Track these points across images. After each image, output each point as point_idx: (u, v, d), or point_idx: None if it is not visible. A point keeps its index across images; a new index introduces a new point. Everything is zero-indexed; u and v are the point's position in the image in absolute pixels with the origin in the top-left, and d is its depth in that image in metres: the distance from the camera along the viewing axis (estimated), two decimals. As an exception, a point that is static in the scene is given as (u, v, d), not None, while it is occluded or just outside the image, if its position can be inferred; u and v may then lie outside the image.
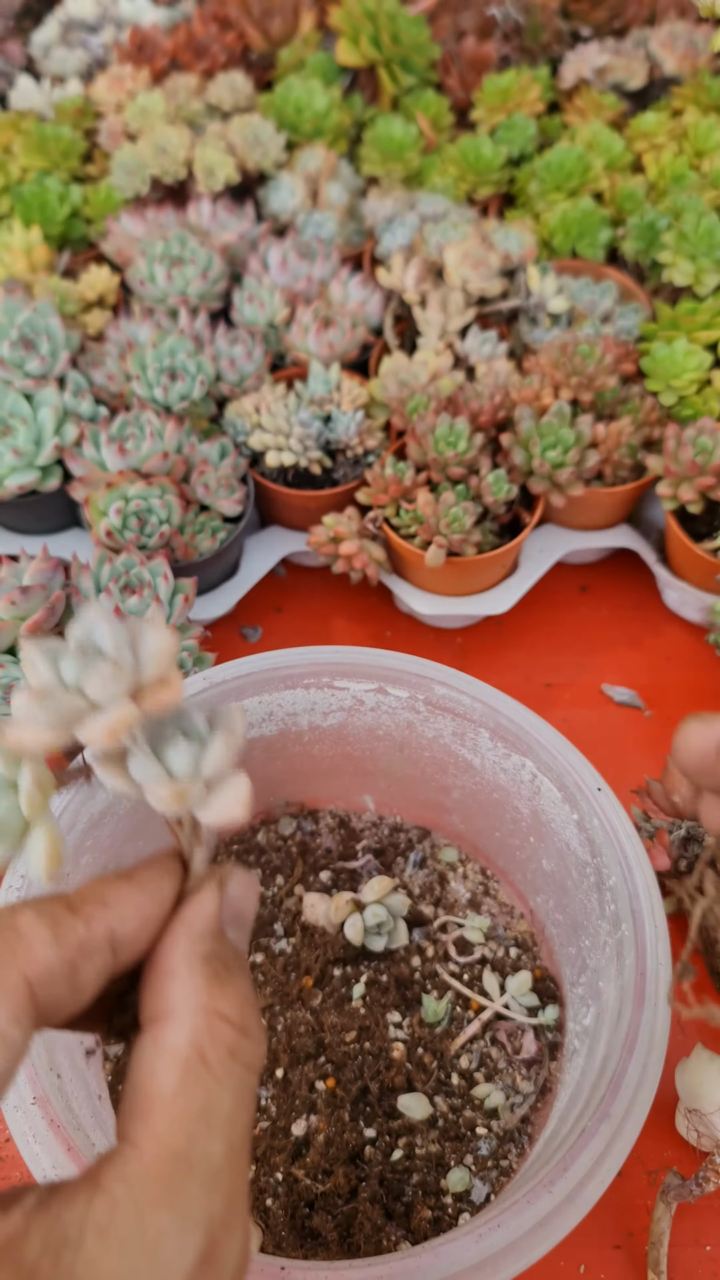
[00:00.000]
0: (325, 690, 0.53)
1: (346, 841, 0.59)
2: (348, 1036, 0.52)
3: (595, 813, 0.48)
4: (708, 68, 0.91)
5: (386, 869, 0.58)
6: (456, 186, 0.88)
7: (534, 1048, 0.51)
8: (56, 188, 0.84)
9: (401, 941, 0.55)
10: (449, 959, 0.55)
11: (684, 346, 0.72)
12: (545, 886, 0.53)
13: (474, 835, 0.58)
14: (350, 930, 0.54)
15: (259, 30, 0.92)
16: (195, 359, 0.71)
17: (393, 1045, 0.52)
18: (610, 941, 0.46)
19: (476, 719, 0.52)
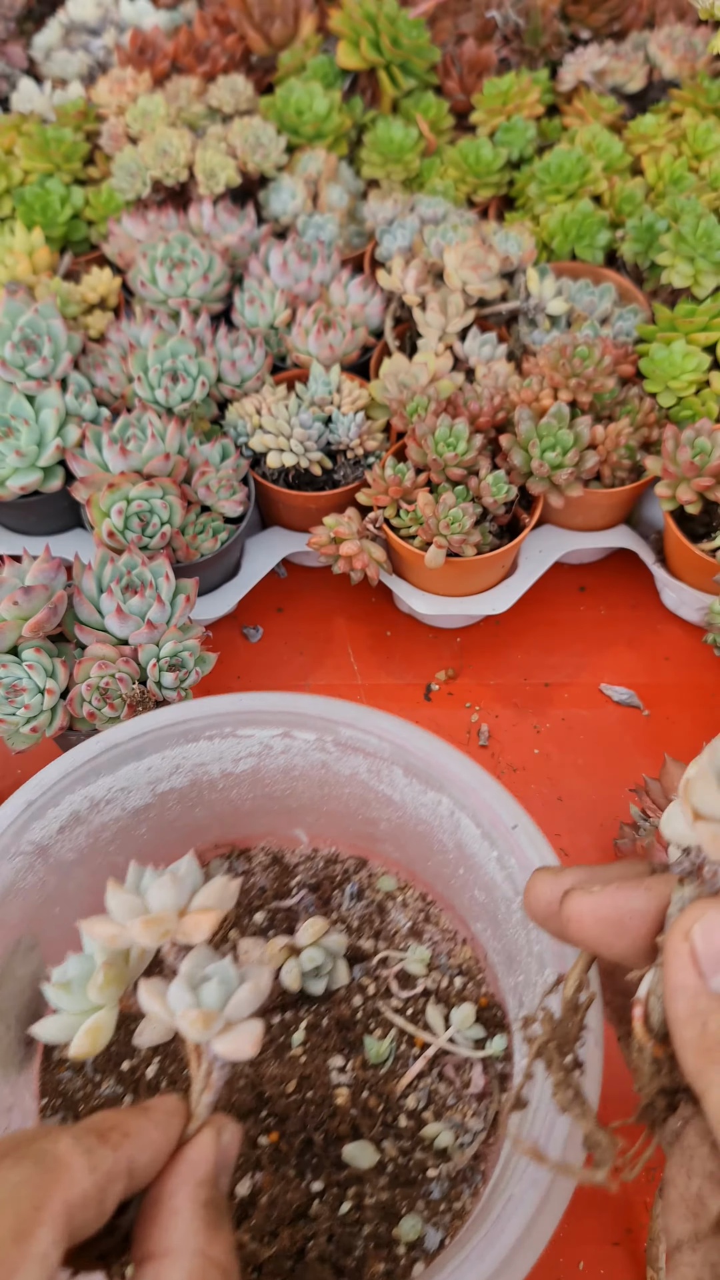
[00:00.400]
0: (230, 739, 0.52)
1: (281, 878, 0.57)
2: (289, 1087, 0.50)
3: (512, 851, 0.47)
4: (706, 70, 0.92)
5: (324, 903, 0.56)
6: (456, 189, 0.88)
7: (482, 1081, 0.50)
8: (58, 190, 0.85)
9: (342, 981, 0.53)
10: (391, 995, 0.53)
11: (682, 348, 0.73)
12: (481, 915, 0.52)
13: (409, 862, 0.56)
14: (286, 978, 0.52)
15: (260, 33, 0.92)
16: (196, 361, 0.72)
17: (336, 1091, 0.50)
18: (539, 980, 0.45)
19: (388, 757, 0.51)
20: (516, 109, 0.90)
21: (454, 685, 0.73)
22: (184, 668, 0.61)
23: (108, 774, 0.50)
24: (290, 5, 0.92)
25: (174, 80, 0.89)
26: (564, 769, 0.70)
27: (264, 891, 0.57)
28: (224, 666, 0.74)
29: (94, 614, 0.62)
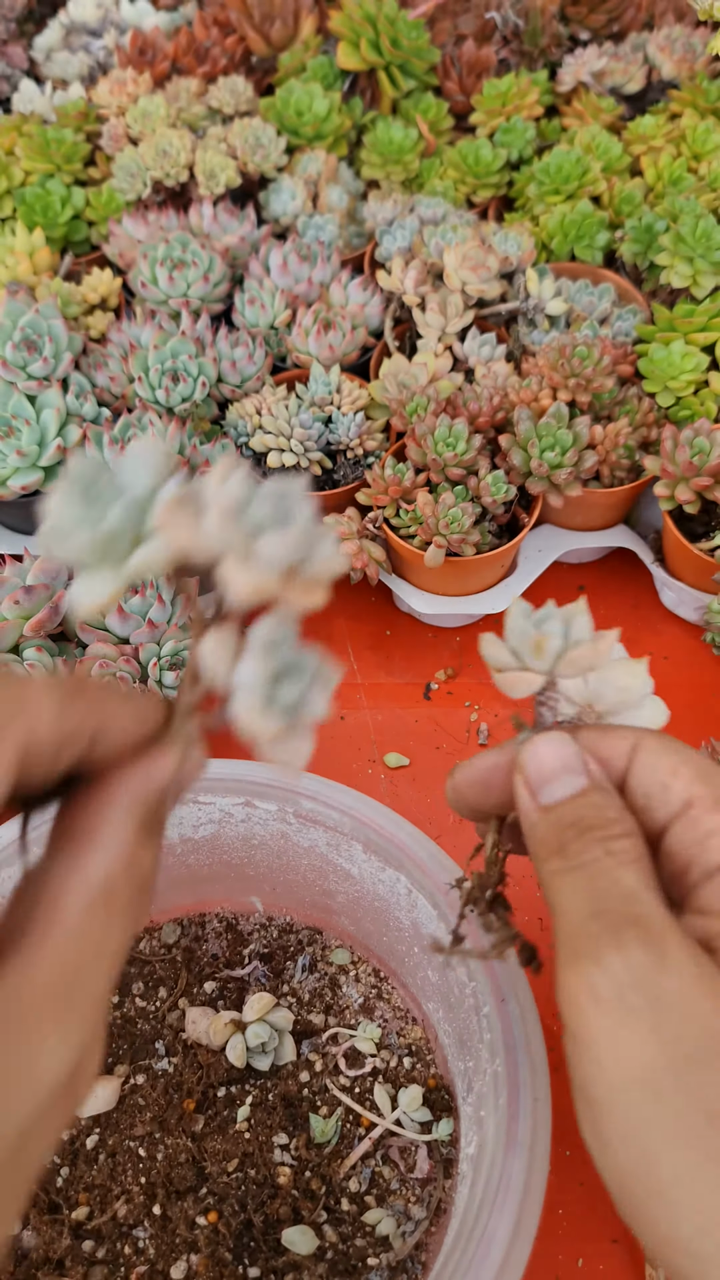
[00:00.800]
0: (191, 806, 0.52)
1: (234, 946, 0.57)
2: (230, 1165, 0.49)
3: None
4: (705, 71, 0.92)
5: (275, 975, 0.56)
6: (456, 190, 0.88)
7: (427, 1165, 0.49)
8: (59, 191, 0.85)
9: (288, 1058, 0.53)
10: (339, 1072, 0.53)
11: (681, 348, 0.73)
12: (434, 995, 0.52)
13: (364, 936, 0.56)
14: (231, 1053, 0.51)
15: (260, 34, 0.92)
16: (197, 361, 0.72)
17: (279, 1170, 0.49)
18: (489, 1069, 0.44)
19: (348, 832, 0.51)
20: (516, 110, 0.90)
21: (453, 684, 0.74)
22: (185, 666, 0.62)
23: None
24: (290, 6, 0.92)
25: (174, 81, 0.89)
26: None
27: (216, 959, 0.56)
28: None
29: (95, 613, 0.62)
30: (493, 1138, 0.42)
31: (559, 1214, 0.53)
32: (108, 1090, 0.51)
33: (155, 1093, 0.52)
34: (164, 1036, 0.54)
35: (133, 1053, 0.53)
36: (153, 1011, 0.55)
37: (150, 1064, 0.53)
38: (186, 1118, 0.51)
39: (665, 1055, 0.27)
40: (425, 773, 0.70)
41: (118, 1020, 0.54)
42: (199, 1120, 0.51)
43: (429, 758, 0.70)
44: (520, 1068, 0.43)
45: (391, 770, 0.70)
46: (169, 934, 0.57)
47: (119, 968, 0.27)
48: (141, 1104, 0.51)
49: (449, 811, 0.68)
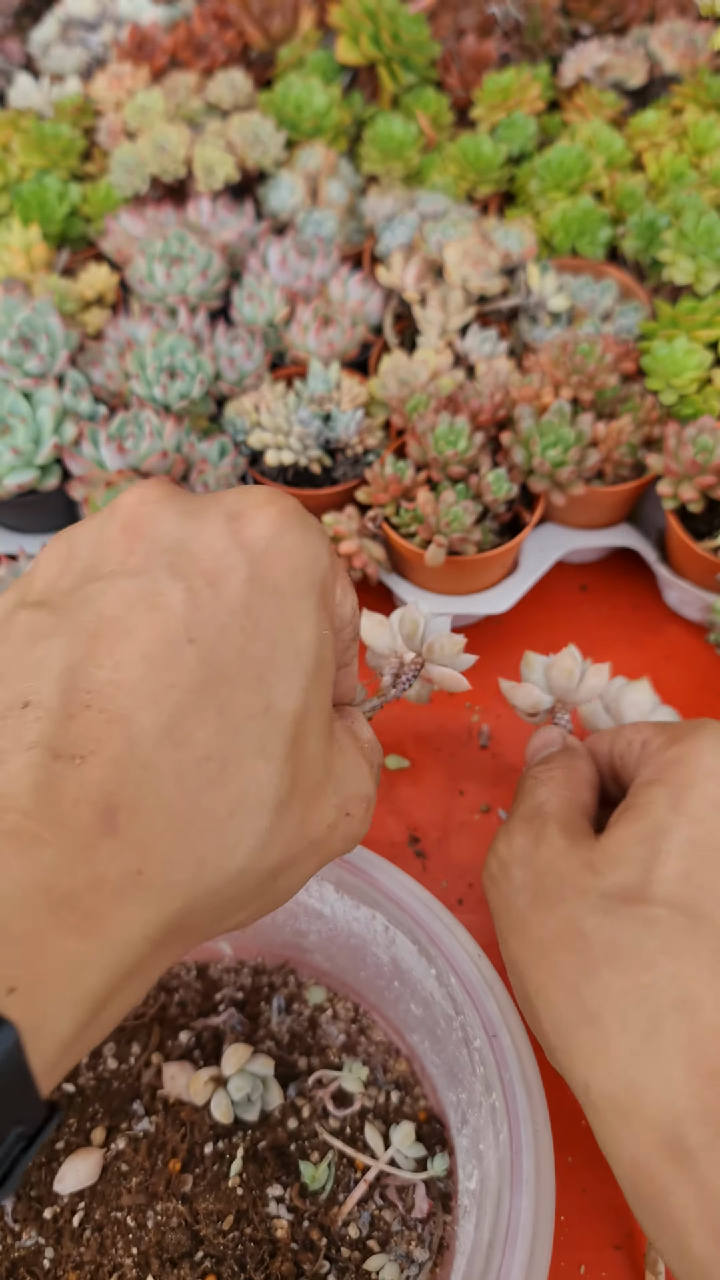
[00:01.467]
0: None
1: (205, 993, 0.55)
2: (225, 1224, 0.47)
3: (452, 971, 0.46)
4: (707, 66, 0.91)
5: (251, 1020, 0.54)
6: (456, 185, 0.88)
7: (425, 1205, 0.48)
8: (55, 186, 0.84)
9: (276, 1103, 0.51)
10: (328, 1115, 0.51)
11: (684, 345, 0.72)
12: (418, 1028, 0.50)
13: (340, 973, 0.54)
14: (217, 1111, 0.49)
15: (259, 28, 0.92)
16: (194, 358, 0.71)
17: (275, 1224, 0.47)
18: (485, 1103, 0.43)
19: (318, 873, 0.50)
20: (517, 104, 0.89)
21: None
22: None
23: None
24: (289, 0, 0.91)
25: (172, 75, 0.89)
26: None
27: (187, 1008, 0.54)
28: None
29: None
30: (496, 1174, 0.42)
31: (561, 1220, 0.52)
32: (89, 1163, 0.49)
33: (139, 1157, 0.49)
34: (141, 1096, 0.51)
35: (110, 1116, 0.51)
36: (126, 1071, 0.52)
37: (130, 1126, 0.50)
38: (174, 1180, 0.48)
39: (526, 900, 0.41)
40: (426, 775, 0.69)
41: (90, 1084, 0.52)
42: (187, 1180, 0.49)
43: (430, 760, 0.70)
44: (518, 1102, 0.42)
45: (392, 773, 0.69)
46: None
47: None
48: (125, 1170, 0.49)
49: (447, 814, 0.67)
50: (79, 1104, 0.51)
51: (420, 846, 0.66)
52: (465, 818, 0.67)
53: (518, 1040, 0.44)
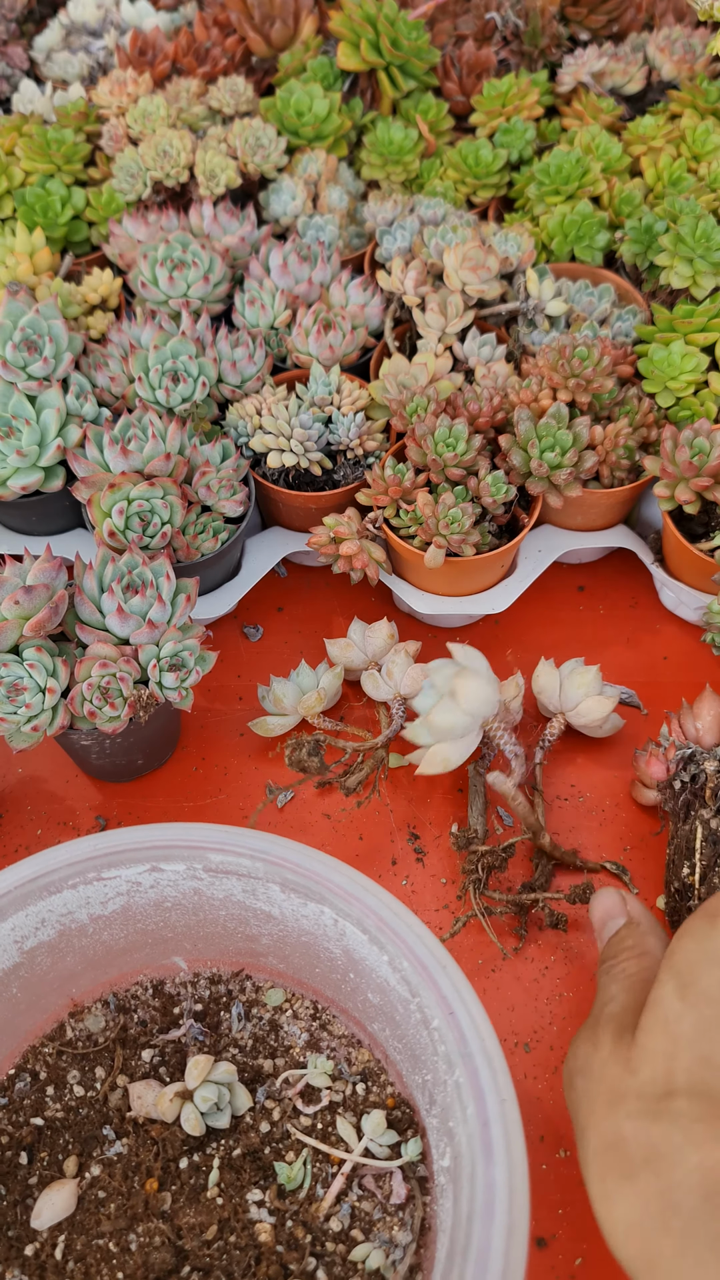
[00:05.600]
0: (95, 884, 0.51)
1: (165, 1008, 0.55)
2: (208, 1234, 0.47)
3: (404, 955, 0.47)
4: (705, 72, 0.92)
5: (212, 1029, 0.54)
6: (456, 190, 0.89)
7: (403, 1191, 0.49)
8: (59, 191, 0.85)
9: (245, 1105, 0.51)
10: (299, 1113, 0.52)
11: (681, 349, 0.73)
12: (377, 1016, 0.51)
13: (295, 972, 0.55)
14: (187, 1124, 0.50)
15: (260, 35, 0.92)
16: (197, 361, 0.72)
17: (258, 1228, 0.48)
18: (449, 1081, 0.44)
19: (262, 876, 0.50)
20: (516, 110, 0.90)
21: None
22: (184, 667, 0.62)
23: None
24: (290, 7, 0.92)
25: (174, 81, 0.89)
26: (565, 769, 0.70)
27: (147, 1026, 0.55)
28: (224, 666, 0.75)
29: (95, 613, 0.62)
30: (467, 1148, 0.42)
31: (559, 1214, 0.53)
32: (64, 1194, 0.49)
33: (114, 1181, 0.49)
34: (110, 1120, 0.52)
35: (81, 1145, 0.51)
36: (93, 1097, 0.52)
37: (102, 1152, 0.51)
38: (152, 1199, 0.49)
39: (586, 1110, 0.43)
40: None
41: (59, 1115, 0.52)
42: (165, 1198, 0.49)
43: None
44: (480, 1074, 0.43)
45: (392, 770, 0.70)
46: (94, 1022, 0.55)
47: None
48: (103, 1196, 0.49)
49: (440, 807, 0.68)
50: (49, 1137, 0.51)
51: (419, 844, 0.67)
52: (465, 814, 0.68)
53: (475, 1015, 0.45)
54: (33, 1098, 0.52)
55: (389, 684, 0.69)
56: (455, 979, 0.46)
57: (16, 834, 0.67)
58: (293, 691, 0.69)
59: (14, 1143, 0.51)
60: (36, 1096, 0.52)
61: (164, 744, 0.70)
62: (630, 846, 0.66)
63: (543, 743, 0.68)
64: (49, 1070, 0.53)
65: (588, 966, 0.61)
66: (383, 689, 0.69)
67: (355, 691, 0.73)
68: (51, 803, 0.69)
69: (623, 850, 0.66)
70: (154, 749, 0.69)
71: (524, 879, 0.65)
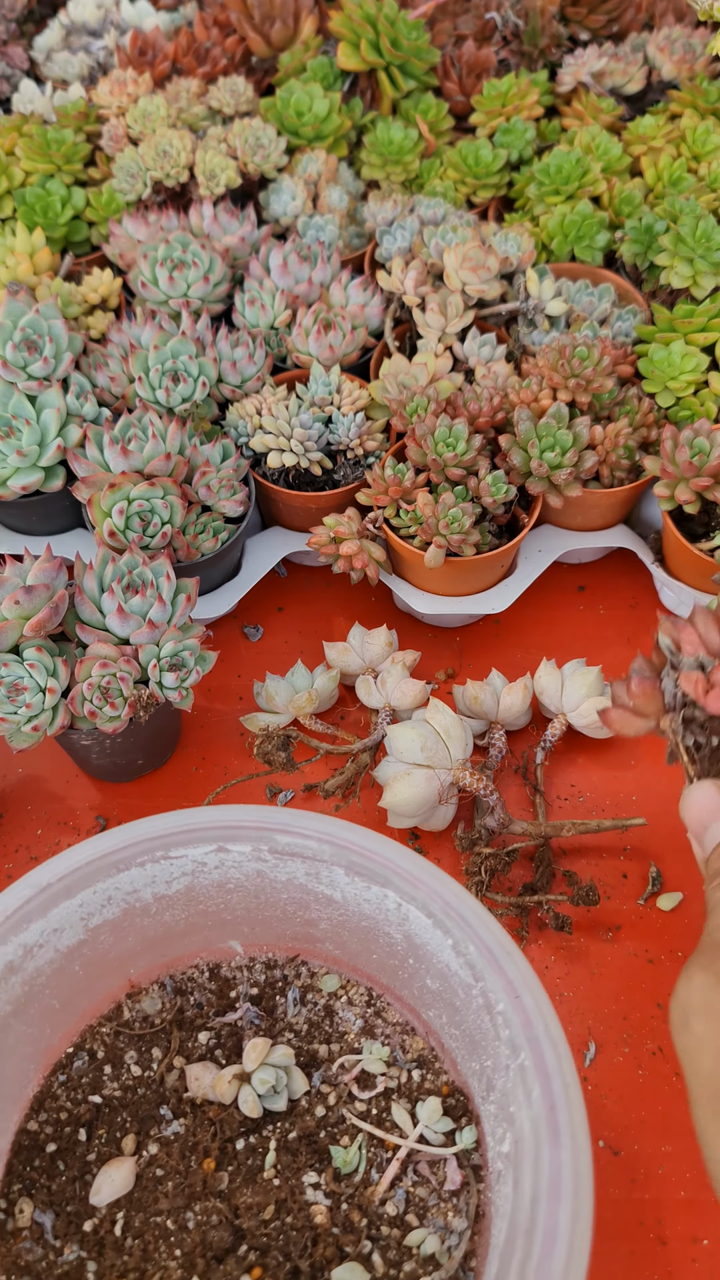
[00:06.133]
0: (162, 863, 0.51)
1: (221, 992, 0.56)
2: (266, 1214, 0.48)
3: (470, 939, 0.46)
4: (705, 72, 0.92)
5: (268, 1013, 0.55)
6: (456, 190, 0.89)
7: (458, 1177, 0.49)
8: (59, 191, 0.85)
9: (301, 1089, 0.52)
10: (354, 1099, 0.52)
11: (681, 349, 0.73)
12: (434, 1003, 0.51)
13: (351, 959, 0.55)
14: (245, 1106, 0.50)
15: (260, 35, 0.92)
16: (197, 361, 0.72)
17: (314, 1210, 0.48)
18: (513, 1065, 0.44)
19: (327, 859, 0.50)
20: (515, 110, 0.90)
21: (453, 684, 0.74)
22: (185, 667, 0.62)
23: (39, 918, 0.49)
24: (290, 7, 0.92)
25: (174, 81, 0.89)
26: (567, 769, 0.70)
27: (203, 1008, 0.55)
28: (224, 666, 0.75)
29: (95, 613, 0.62)
30: (531, 1133, 0.42)
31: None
32: (123, 1171, 0.50)
33: (172, 1160, 0.50)
34: (167, 1100, 0.52)
35: (138, 1124, 0.52)
36: (150, 1077, 0.53)
37: (159, 1131, 0.51)
38: (210, 1178, 0.50)
39: (712, 1061, 0.37)
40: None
41: (116, 1094, 0.53)
42: (222, 1178, 0.50)
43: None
44: (546, 1058, 0.43)
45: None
46: (153, 997, 0.56)
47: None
48: (160, 1175, 0.50)
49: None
50: (106, 1115, 0.52)
51: (419, 844, 0.67)
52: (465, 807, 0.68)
53: (539, 999, 0.44)
54: (90, 1076, 0.53)
55: (380, 693, 0.69)
56: (520, 964, 0.46)
57: (17, 834, 0.67)
58: (285, 690, 0.70)
59: (72, 1119, 0.52)
60: (94, 1075, 0.53)
61: (164, 744, 0.70)
62: (629, 846, 0.66)
63: (544, 743, 0.68)
64: (106, 1050, 0.54)
65: (589, 966, 0.61)
66: (374, 697, 0.69)
67: (354, 695, 0.73)
68: (52, 803, 0.69)
69: (622, 851, 0.66)
70: (154, 749, 0.69)
71: (525, 880, 0.65)
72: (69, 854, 0.50)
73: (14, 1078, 0.51)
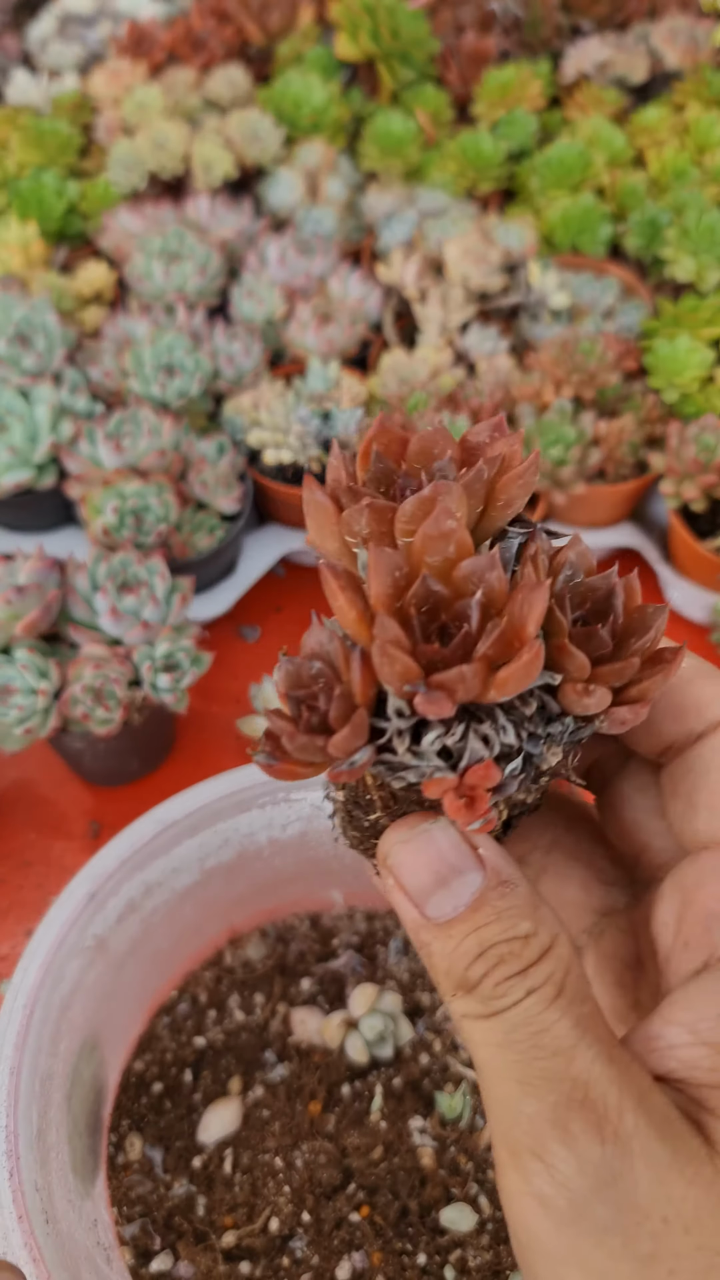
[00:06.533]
0: (281, 805, 0.51)
1: (322, 941, 0.56)
2: (374, 1155, 0.49)
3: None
4: (709, 62, 0.90)
5: (369, 961, 0.55)
6: (456, 182, 0.87)
7: None
8: (53, 183, 0.84)
9: (407, 1037, 0.53)
10: (457, 1048, 0.52)
11: (686, 343, 0.72)
12: None
13: None
14: (353, 1051, 0.52)
15: (257, 24, 0.91)
16: (193, 355, 0.70)
17: (421, 1152, 0.49)
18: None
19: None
20: (517, 101, 0.89)
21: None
22: (179, 669, 0.60)
23: (162, 855, 0.50)
24: (288, -4, 0.91)
25: (170, 72, 0.88)
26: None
27: (305, 956, 0.56)
28: (221, 668, 0.73)
29: (88, 613, 0.61)
30: None
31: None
32: (230, 1110, 0.51)
33: (278, 1102, 0.51)
34: (271, 1044, 0.53)
35: (244, 1067, 0.52)
36: (254, 1022, 0.54)
37: (264, 1075, 0.52)
38: (316, 1120, 0.50)
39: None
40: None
41: (220, 1039, 0.53)
42: (329, 1120, 0.51)
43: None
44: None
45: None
46: (255, 944, 0.56)
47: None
48: (267, 1116, 0.51)
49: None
50: (211, 1058, 0.53)
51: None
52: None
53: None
54: (194, 1020, 0.54)
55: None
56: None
57: (8, 839, 0.66)
58: None
59: (178, 1061, 0.53)
60: (198, 1019, 0.54)
61: (159, 747, 0.68)
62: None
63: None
64: (209, 994, 0.55)
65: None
66: None
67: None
68: (43, 807, 0.67)
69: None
70: (148, 752, 0.67)
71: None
72: (192, 791, 0.50)
73: (121, 1020, 0.52)
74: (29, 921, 0.62)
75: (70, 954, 0.45)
